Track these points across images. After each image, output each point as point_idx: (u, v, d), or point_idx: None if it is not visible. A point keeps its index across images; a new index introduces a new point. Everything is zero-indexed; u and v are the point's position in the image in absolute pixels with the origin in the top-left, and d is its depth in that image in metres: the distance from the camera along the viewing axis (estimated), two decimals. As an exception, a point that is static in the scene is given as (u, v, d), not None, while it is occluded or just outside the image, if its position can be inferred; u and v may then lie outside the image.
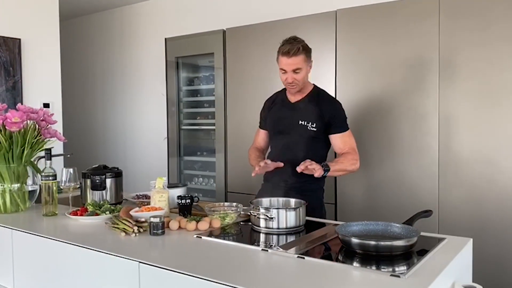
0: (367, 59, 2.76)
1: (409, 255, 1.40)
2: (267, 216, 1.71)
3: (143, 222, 1.73)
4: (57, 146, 2.89)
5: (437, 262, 1.35)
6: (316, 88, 2.29)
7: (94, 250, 1.53)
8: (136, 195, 2.30)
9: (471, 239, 1.60)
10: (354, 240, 1.42)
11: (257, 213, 1.73)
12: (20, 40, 3.51)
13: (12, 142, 2.06)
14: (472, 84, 2.45)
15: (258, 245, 1.57)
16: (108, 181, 2.19)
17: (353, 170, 2.21)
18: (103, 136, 5.11)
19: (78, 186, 2.14)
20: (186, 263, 1.37)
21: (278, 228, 1.71)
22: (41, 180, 2.06)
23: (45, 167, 2.06)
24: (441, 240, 1.56)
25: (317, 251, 1.53)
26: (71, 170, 2.09)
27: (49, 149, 2.12)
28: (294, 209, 1.75)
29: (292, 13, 3.13)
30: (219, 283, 1.21)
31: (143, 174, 4.47)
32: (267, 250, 1.48)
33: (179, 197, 1.96)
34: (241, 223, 1.86)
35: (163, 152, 4.05)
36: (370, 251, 1.40)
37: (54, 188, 2.06)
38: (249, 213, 1.79)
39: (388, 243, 1.40)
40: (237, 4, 3.90)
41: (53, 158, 2.14)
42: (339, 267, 1.35)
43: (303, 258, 1.39)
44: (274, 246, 1.54)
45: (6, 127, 2.02)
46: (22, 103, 3.32)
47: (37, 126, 2.15)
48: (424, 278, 1.22)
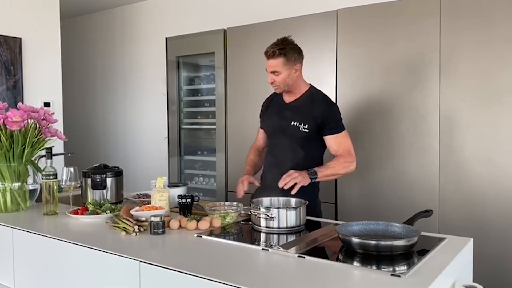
0: (368, 59, 2.76)
1: (410, 255, 1.40)
2: (268, 216, 1.71)
3: (144, 222, 1.73)
4: (58, 145, 2.89)
5: (438, 262, 1.35)
6: (312, 89, 2.26)
7: (95, 249, 1.53)
8: (137, 194, 2.30)
9: (472, 239, 1.60)
10: (355, 240, 1.42)
11: (258, 213, 1.73)
12: (21, 39, 3.52)
13: (13, 141, 2.06)
14: (473, 84, 2.45)
15: (259, 245, 1.57)
16: (109, 180, 2.19)
17: (348, 173, 2.19)
18: (104, 135, 5.11)
19: (79, 185, 2.14)
20: (187, 263, 1.38)
21: (279, 228, 1.71)
22: (42, 179, 2.07)
23: (46, 166, 2.06)
24: (442, 240, 1.56)
25: (318, 251, 1.53)
26: (72, 169, 2.09)
27: (50, 148, 2.12)
28: (295, 209, 1.75)
29: (293, 13, 3.13)
30: (220, 283, 1.21)
31: (144, 174, 4.47)
32: (268, 250, 1.48)
33: (180, 197, 1.96)
34: (242, 223, 1.87)
35: (164, 152, 4.05)
36: (371, 251, 1.41)
37: (55, 187, 2.06)
38: (250, 213, 1.79)
39: (389, 243, 1.40)
40: (238, 4, 3.90)
41: (54, 157, 2.14)
42: (340, 267, 1.35)
43: (304, 258, 1.39)
44: (275, 246, 1.54)
45: (7, 126, 2.02)
46: (23, 102, 3.30)
47: (38, 125, 2.15)
48: (425, 278, 1.22)
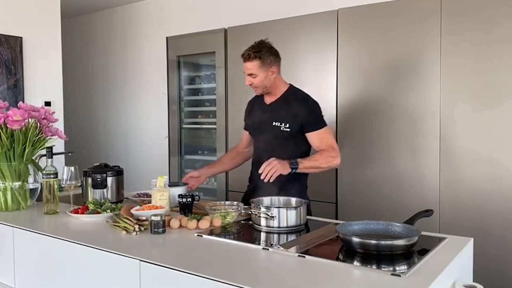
0: (369, 58, 2.76)
1: (410, 255, 1.40)
2: (268, 215, 1.71)
3: (144, 221, 1.73)
4: (58, 145, 2.89)
5: (438, 262, 1.35)
6: (291, 88, 2.28)
7: (95, 249, 1.53)
8: (137, 194, 2.30)
9: (472, 239, 1.60)
10: (355, 239, 1.42)
11: (258, 212, 1.73)
12: (22, 38, 3.52)
13: (14, 140, 2.06)
14: (474, 84, 2.45)
15: (259, 244, 1.57)
16: (109, 180, 2.19)
17: (332, 167, 2.19)
18: (104, 135, 5.11)
19: (79, 185, 2.15)
20: (187, 262, 1.38)
21: (279, 227, 1.71)
22: (42, 178, 2.06)
23: (46, 165, 2.06)
24: (442, 240, 1.56)
25: (318, 250, 1.52)
26: (72, 169, 2.10)
27: (50, 147, 2.12)
28: (295, 208, 1.75)
29: (294, 12, 3.13)
30: (220, 282, 1.21)
31: (144, 173, 4.47)
32: (268, 249, 1.48)
33: (180, 196, 1.96)
34: (242, 222, 1.87)
35: (164, 151, 4.05)
36: (371, 250, 1.40)
37: (55, 186, 2.06)
38: (250, 212, 1.79)
39: (389, 243, 1.40)
40: (239, 3, 3.90)
41: (54, 156, 2.14)
42: (340, 266, 1.35)
43: (304, 257, 1.39)
44: (275, 245, 1.54)
45: (8, 125, 2.02)
46: (24, 101, 3.32)
47: (39, 124, 2.15)
48: (425, 278, 1.22)
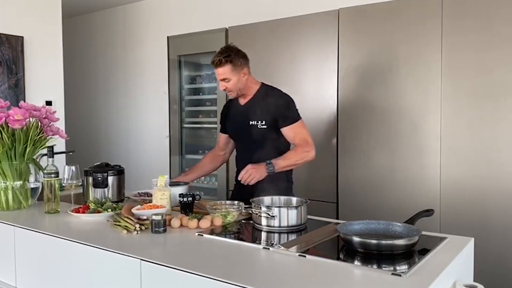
0: (370, 58, 2.76)
1: (411, 254, 1.40)
2: (269, 214, 1.71)
3: (145, 220, 1.74)
4: (59, 144, 2.89)
5: (439, 261, 1.35)
6: (263, 86, 2.31)
7: (96, 248, 1.54)
8: (138, 193, 2.30)
9: (473, 239, 1.60)
10: (356, 239, 1.42)
11: (259, 211, 1.73)
12: (23, 38, 3.52)
13: (15, 140, 2.07)
14: (475, 84, 2.45)
15: (260, 243, 1.57)
16: (110, 179, 2.19)
17: (308, 161, 2.21)
18: (105, 134, 5.12)
19: (80, 184, 2.15)
20: (188, 261, 1.38)
21: (280, 227, 1.71)
22: (43, 178, 2.06)
23: (47, 165, 2.06)
24: (443, 239, 1.56)
25: (319, 250, 1.52)
26: (73, 168, 2.10)
27: (51, 147, 2.12)
28: (296, 208, 1.75)
29: (295, 12, 3.13)
30: (221, 281, 1.21)
31: (145, 172, 4.47)
32: (269, 248, 1.48)
33: (181, 195, 1.96)
34: (243, 221, 1.87)
35: (165, 150, 4.05)
36: (372, 250, 1.41)
37: (56, 186, 2.06)
38: (251, 212, 1.79)
39: (390, 242, 1.40)
40: (240, 3, 3.90)
41: (55, 156, 2.14)
42: (341, 266, 1.35)
43: (305, 257, 1.39)
44: (276, 245, 1.54)
45: (9, 125, 2.03)
46: (25, 101, 3.32)
47: (40, 124, 2.15)
48: (425, 277, 1.22)
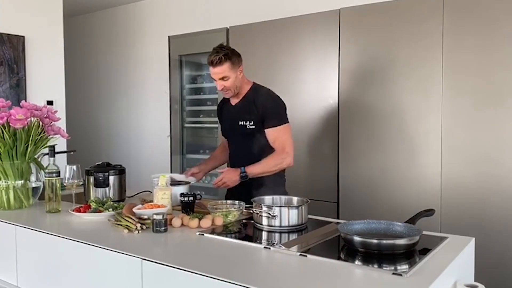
0: (371, 58, 2.75)
1: (411, 254, 1.40)
2: (270, 214, 1.71)
3: (146, 220, 1.74)
4: (61, 143, 2.89)
5: (439, 261, 1.35)
6: (254, 86, 2.30)
7: (97, 247, 1.54)
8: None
9: (473, 238, 1.60)
10: (357, 239, 1.42)
11: (260, 211, 1.74)
12: (24, 38, 3.53)
13: (16, 139, 2.07)
14: (476, 84, 2.44)
15: (261, 243, 1.57)
16: (111, 179, 2.20)
17: (282, 168, 2.20)
18: (107, 134, 5.12)
19: (81, 183, 2.15)
20: (189, 260, 1.38)
21: (281, 226, 1.71)
22: (45, 177, 2.07)
23: (49, 164, 2.07)
24: (443, 239, 1.56)
25: (319, 249, 1.53)
26: (75, 167, 2.10)
27: (53, 146, 2.12)
28: (297, 207, 1.75)
29: (296, 12, 3.13)
30: (221, 281, 1.21)
31: (146, 172, 4.47)
32: (270, 248, 1.48)
33: (182, 195, 1.96)
34: (244, 221, 1.87)
35: (166, 150, 4.05)
36: (372, 250, 1.41)
37: (58, 185, 2.06)
38: (252, 211, 1.79)
39: (391, 242, 1.40)
40: (241, 3, 3.90)
41: (57, 155, 2.14)
42: (341, 265, 1.35)
43: (305, 256, 1.40)
44: (277, 244, 1.54)
45: (10, 124, 2.03)
46: (26, 100, 3.34)
47: (41, 123, 2.16)
48: (426, 277, 1.22)
